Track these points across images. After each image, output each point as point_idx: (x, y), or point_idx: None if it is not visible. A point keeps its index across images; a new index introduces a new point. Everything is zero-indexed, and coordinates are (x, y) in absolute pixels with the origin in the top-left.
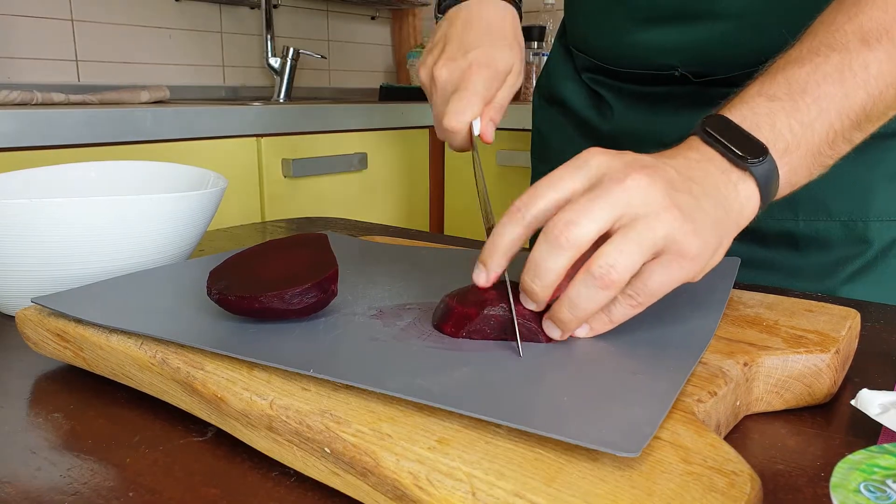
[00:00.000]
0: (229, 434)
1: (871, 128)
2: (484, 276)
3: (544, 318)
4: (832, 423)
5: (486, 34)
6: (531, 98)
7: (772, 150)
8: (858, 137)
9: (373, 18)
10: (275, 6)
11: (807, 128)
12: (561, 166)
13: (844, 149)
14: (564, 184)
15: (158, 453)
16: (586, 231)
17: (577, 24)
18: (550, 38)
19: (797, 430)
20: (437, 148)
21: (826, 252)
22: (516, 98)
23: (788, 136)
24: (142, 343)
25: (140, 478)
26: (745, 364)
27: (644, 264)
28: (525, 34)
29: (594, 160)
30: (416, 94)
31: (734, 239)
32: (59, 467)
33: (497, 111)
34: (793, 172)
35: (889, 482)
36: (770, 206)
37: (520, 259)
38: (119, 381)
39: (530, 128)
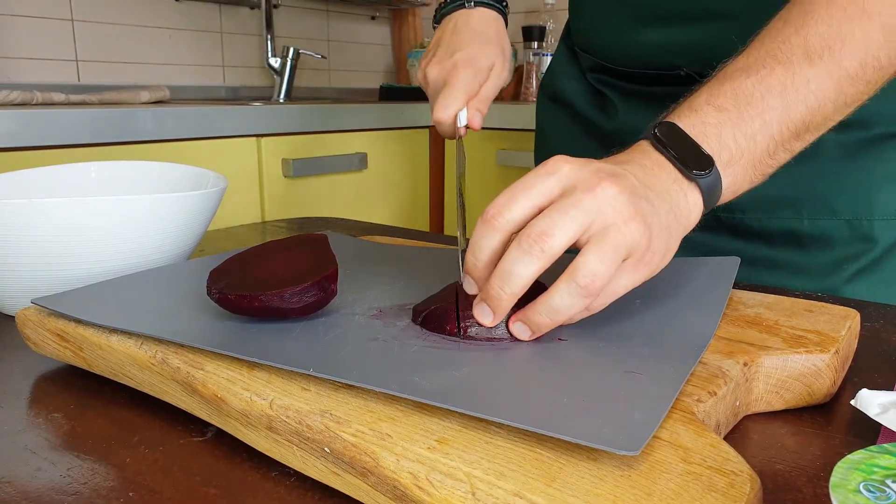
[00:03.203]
0: (229, 434)
1: (811, 137)
2: (474, 287)
3: (512, 320)
4: (832, 423)
5: (471, 38)
6: (532, 98)
7: (717, 162)
8: (798, 147)
9: (373, 18)
10: (275, 6)
11: (750, 139)
12: (531, 172)
13: (784, 158)
14: (538, 189)
15: (158, 453)
16: (560, 241)
17: (582, 23)
18: (550, 38)
19: (797, 430)
20: (438, 148)
21: (830, 250)
22: (517, 98)
23: (733, 147)
24: (142, 343)
25: (140, 478)
26: (745, 364)
27: None
28: (525, 34)
29: (565, 167)
30: (417, 94)
31: (738, 238)
32: (59, 467)
33: (483, 102)
34: (735, 181)
35: (889, 482)
36: (774, 206)
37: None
38: (119, 381)
39: (530, 127)
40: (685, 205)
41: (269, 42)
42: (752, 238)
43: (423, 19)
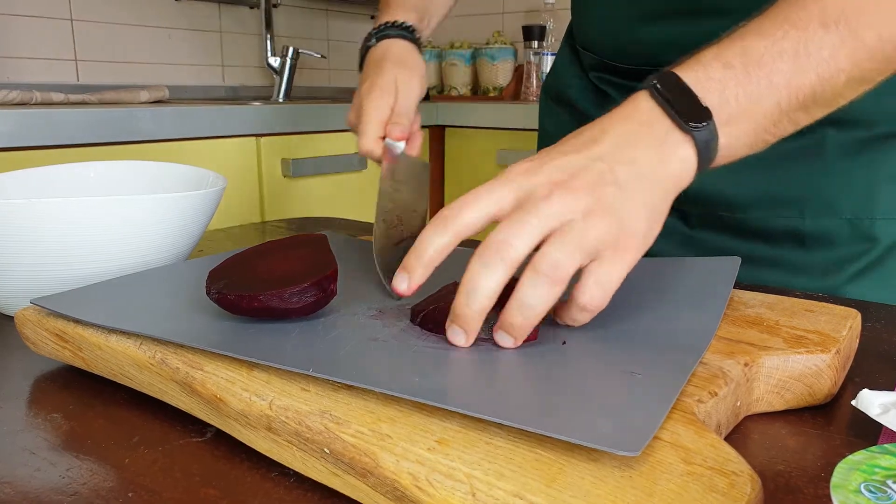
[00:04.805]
0: (228, 434)
1: (819, 113)
2: (406, 284)
3: (495, 330)
4: (833, 424)
5: (374, 69)
6: (532, 97)
7: (715, 118)
8: (804, 120)
9: (372, 17)
10: (274, 5)
11: (754, 101)
12: (489, 182)
13: (788, 129)
14: (492, 197)
15: (158, 454)
16: (519, 248)
17: (584, 21)
18: (551, 37)
19: (798, 430)
20: (437, 148)
21: (832, 250)
22: (517, 98)
23: (734, 106)
24: (141, 343)
25: (139, 478)
26: (746, 364)
27: (587, 268)
28: (525, 33)
29: (520, 176)
30: None
31: (740, 237)
32: (59, 468)
33: (401, 116)
34: (732, 143)
35: (890, 482)
36: (776, 205)
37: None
38: (118, 381)
39: (532, 127)
40: (675, 160)
41: (268, 41)
42: (754, 237)
43: None
